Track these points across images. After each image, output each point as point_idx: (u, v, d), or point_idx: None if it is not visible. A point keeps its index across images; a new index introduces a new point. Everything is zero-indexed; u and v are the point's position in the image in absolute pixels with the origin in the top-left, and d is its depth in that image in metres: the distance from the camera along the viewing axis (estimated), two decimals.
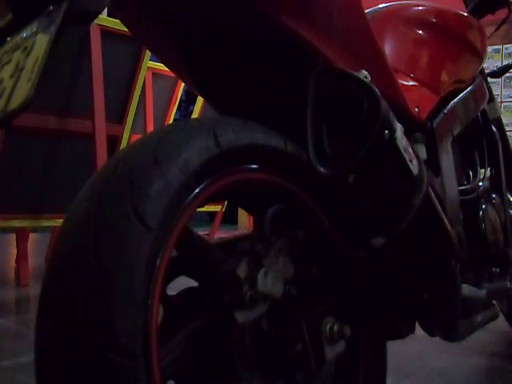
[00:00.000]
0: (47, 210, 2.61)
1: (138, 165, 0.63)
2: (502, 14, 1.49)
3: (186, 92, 5.35)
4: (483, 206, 1.33)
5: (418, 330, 1.08)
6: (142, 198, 0.59)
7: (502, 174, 1.45)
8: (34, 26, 0.65)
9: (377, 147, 0.79)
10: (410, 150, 0.88)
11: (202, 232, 2.85)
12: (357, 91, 0.80)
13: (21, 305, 2.49)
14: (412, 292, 1.01)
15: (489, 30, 1.46)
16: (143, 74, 2.79)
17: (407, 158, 0.86)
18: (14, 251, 3.26)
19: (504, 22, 1.51)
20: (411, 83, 1.14)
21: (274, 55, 0.83)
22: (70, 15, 0.62)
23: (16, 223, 2.57)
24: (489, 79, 1.56)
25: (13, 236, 3.74)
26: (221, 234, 4.19)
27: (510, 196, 1.60)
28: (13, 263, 3.47)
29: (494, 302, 1.33)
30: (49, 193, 2.61)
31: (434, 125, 1.15)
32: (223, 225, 5.37)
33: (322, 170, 0.79)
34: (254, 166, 0.77)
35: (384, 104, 0.79)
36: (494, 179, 1.45)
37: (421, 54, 1.22)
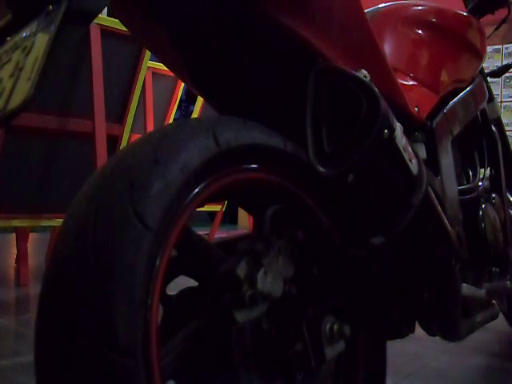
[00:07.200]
0: (47, 210, 2.61)
1: (138, 165, 0.63)
2: (501, 13, 1.49)
3: (186, 92, 5.34)
4: (483, 206, 1.33)
5: (418, 329, 1.08)
6: (142, 197, 0.59)
7: (502, 174, 1.45)
8: (33, 26, 0.65)
9: (376, 146, 0.79)
10: (410, 150, 0.88)
11: (201, 232, 2.85)
12: (356, 91, 0.80)
13: (21, 304, 2.49)
14: (412, 292, 1.01)
15: (489, 30, 1.46)
16: (143, 74, 2.79)
17: (407, 158, 0.86)
18: (14, 251, 3.26)
19: (504, 21, 1.51)
20: (411, 83, 1.14)
21: (273, 55, 0.83)
22: (70, 15, 0.62)
23: (16, 223, 2.57)
24: (488, 79, 1.56)
25: (13, 236, 3.73)
26: (221, 233, 4.19)
27: (509, 196, 1.60)
28: (13, 263, 3.47)
29: (494, 301, 1.33)
30: (49, 193, 2.60)
31: (434, 124, 1.15)
32: (223, 225, 5.37)
33: (321, 169, 0.79)
34: (254, 166, 0.77)
35: (383, 103, 0.79)
36: (494, 179, 1.45)
37: (420, 54, 1.22)
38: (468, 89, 1.34)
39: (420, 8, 1.27)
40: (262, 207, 0.78)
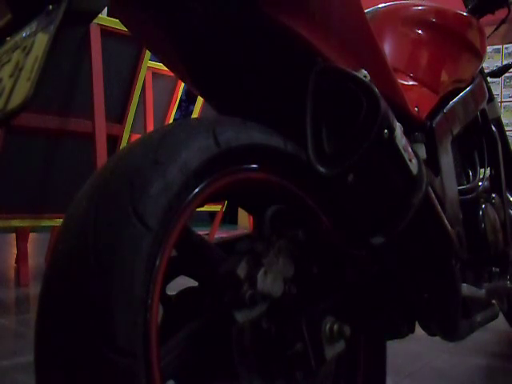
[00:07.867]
0: (47, 210, 2.61)
1: (138, 165, 0.62)
2: (501, 13, 1.49)
3: (186, 92, 5.35)
4: (483, 206, 1.33)
5: (418, 329, 1.08)
6: (142, 197, 0.59)
7: (502, 174, 1.45)
8: (33, 26, 0.65)
9: (376, 146, 0.79)
10: (410, 150, 0.89)
11: (201, 232, 2.85)
12: (356, 91, 0.80)
13: (21, 305, 2.49)
14: (412, 292, 1.01)
15: (489, 30, 1.46)
16: (143, 74, 2.79)
17: (407, 158, 0.86)
18: (14, 251, 3.26)
19: (503, 21, 1.50)
20: (411, 83, 1.14)
21: (273, 55, 0.83)
22: (70, 15, 0.62)
23: (16, 223, 2.57)
24: (488, 79, 1.56)
25: (13, 236, 3.74)
26: (221, 233, 4.19)
27: (509, 196, 1.60)
28: (13, 263, 3.47)
29: (494, 301, 1.33)
30: (49, 193, 2.60)
31: (434, 124, 1.15)
32: (223, 225, 5.37)
33: (321, 169, 0.79)
34: (254, 166, 0.77)
35: (383, 103, 0.79)
36: (494, 179, 1.45)
37: (420, 54, 1.22)
38: (468, 89, 1.34)
39: (420, 8, 1.27)
40: (262, 207, 0.78)
